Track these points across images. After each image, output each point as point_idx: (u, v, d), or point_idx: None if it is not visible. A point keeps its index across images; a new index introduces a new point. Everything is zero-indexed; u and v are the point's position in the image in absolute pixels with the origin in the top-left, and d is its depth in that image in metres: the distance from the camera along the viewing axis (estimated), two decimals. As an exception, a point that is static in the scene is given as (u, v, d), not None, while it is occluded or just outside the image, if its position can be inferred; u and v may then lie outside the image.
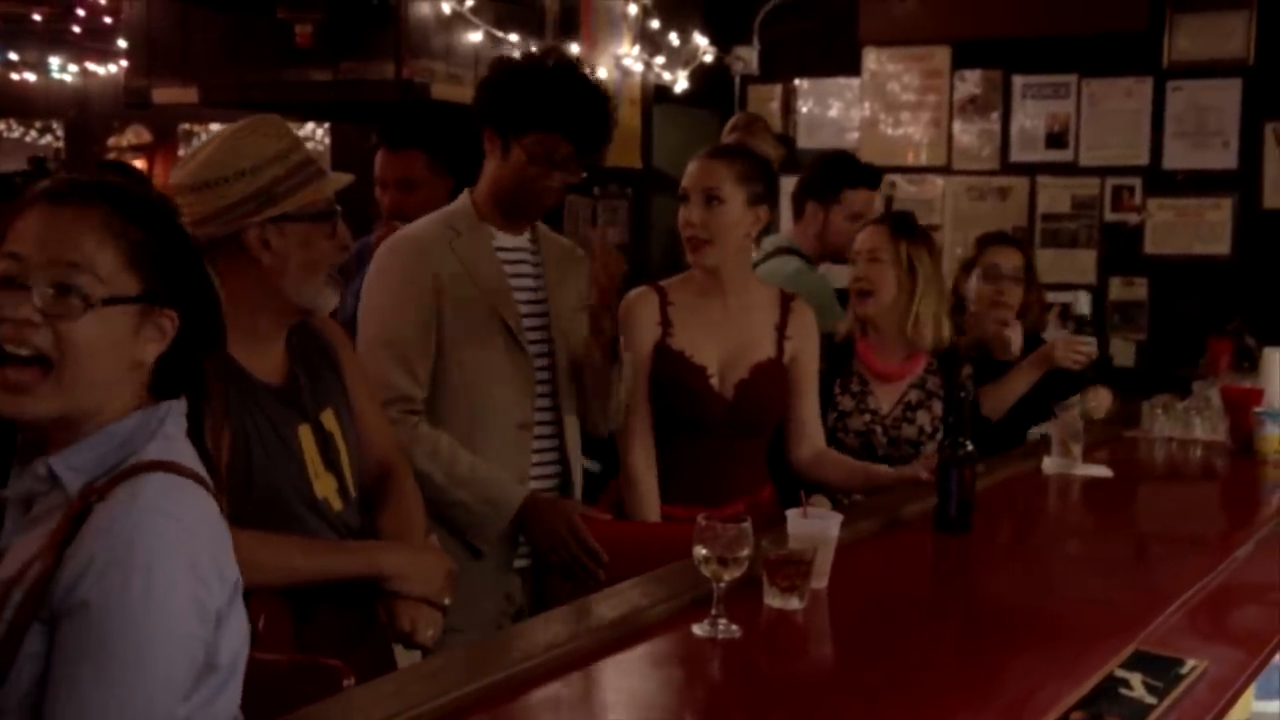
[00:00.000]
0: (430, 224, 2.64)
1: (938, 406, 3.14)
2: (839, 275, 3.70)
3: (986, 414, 3.36)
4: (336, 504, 2.11)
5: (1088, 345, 3.49)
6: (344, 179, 2.11)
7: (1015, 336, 3.54)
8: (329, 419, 2.14)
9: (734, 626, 1.81)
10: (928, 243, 3.17)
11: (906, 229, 3.17)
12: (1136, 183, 6.30)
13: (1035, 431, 3.48)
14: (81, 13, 6.95)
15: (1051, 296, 6.27)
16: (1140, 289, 6.33)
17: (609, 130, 2.62)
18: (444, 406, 2.54)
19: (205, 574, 1.43)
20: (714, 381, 2.79)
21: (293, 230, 2.03)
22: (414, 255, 2.56)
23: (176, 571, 1.40)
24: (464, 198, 2.67)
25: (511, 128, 2.55)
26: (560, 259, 2.72)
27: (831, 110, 6.81)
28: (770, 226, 3.02)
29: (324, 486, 2.10)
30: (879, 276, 3.13)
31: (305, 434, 2.09)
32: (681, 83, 6.23)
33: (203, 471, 1.52)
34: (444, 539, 2.44)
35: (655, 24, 6.03)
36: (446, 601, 2.11)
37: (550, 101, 2.53)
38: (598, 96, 2.58)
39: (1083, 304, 3.61)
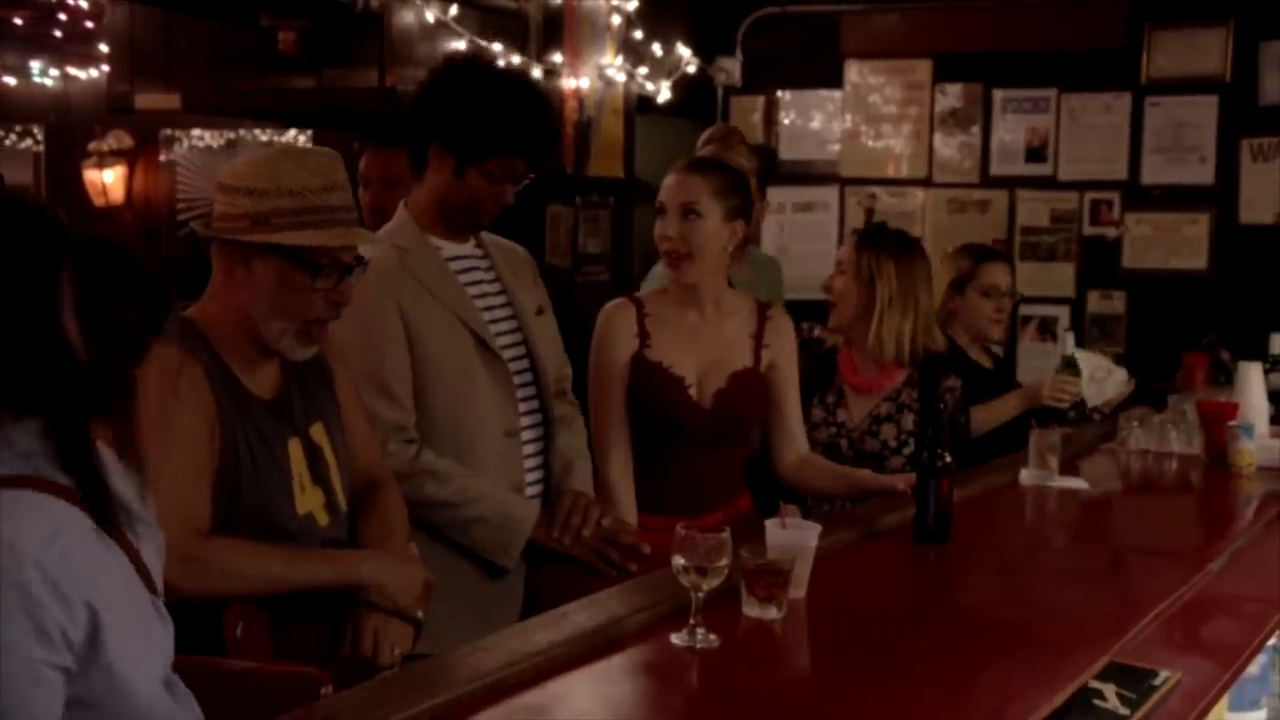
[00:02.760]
0: (374, 248, 2.56)
1: (908, 420, 3.14)
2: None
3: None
4: (323, 518, 2.11)
5: (1074, 385, 3.60)
6: (361, 235, 2.11)
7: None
8: (318, 432, 2.14)
9: (712, 636, 1.81)
10: (900, 257, 3.14)
11: (873, 240, 3.18)
12: (1115, 197, 6.34)
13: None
14: (63, 17, 6.91)
15: (1030, 310, 6.38)
16: (1118, 303, 6.37)
17: (557, 144, 2.63)
18: (431, 426, 2.50)
19: (42, 596, 1.36)
20: (692, 392, 2.79)
21: (273, 263, 2.03)
22: (370, 283, 2.44)
23: (7, 602, 1.34)
24: (401, 213, 2.61)
25: (472, 154, 2.49)
26: (510, 262, 2.70)
27: (813, 122, 6.84)
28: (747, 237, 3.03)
29: (311, 500, 2.10)
30: (841, 288, 3.16)
31: (294, 447, 2.09)
32: (664, 93, 6.24)
33: (68, 480, 1.43)
34: (456, 561, 2.45)
35: (639, 34, 6.04)
36: (420, 615, 2.11)
37: (513, 127, 2.49)
38: (550, 113, 2.60)
39: (1069, 344, 3.65)
